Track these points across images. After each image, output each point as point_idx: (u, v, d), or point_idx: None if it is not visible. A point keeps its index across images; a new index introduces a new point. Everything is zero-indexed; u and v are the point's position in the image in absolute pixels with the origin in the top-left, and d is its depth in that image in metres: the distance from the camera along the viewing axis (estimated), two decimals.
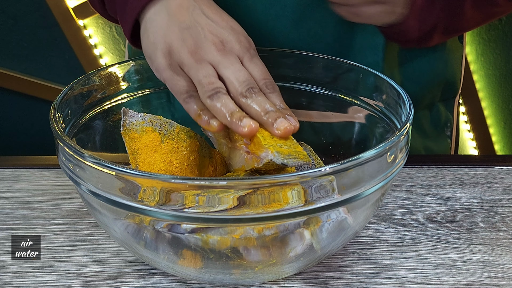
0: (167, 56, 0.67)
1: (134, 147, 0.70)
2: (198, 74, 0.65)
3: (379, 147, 0.57)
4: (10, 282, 0.67)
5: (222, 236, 0.58)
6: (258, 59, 0.68)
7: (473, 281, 0.67)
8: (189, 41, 0.66)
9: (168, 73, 0.67)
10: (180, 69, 0.67)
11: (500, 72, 1.93)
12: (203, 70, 0.65)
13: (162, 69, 0.68)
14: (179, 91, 0.67)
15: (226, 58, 0.65)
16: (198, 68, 0.65)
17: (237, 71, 0.65)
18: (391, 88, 0.69)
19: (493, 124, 1.98)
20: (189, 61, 0.66)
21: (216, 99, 0.64)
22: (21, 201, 0.81)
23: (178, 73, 0.67)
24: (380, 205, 0.65)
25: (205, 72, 0.65)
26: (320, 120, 0.79)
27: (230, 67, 0.65)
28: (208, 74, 0.65)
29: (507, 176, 0.86)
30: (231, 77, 0.65)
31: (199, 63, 0.65)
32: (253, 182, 0.54)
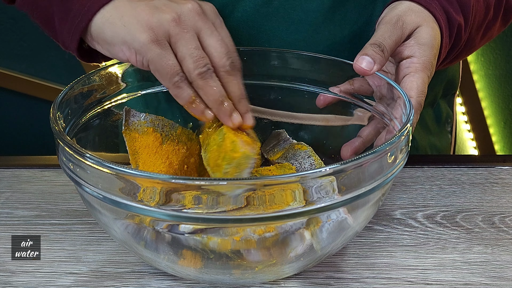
0: (149, 31, 0.63)
1: (135, 147, 0.70)
2: (188, 46, 0.63)
3: (379, 147, 0.57)
4: (10, 282, 0.67)
5: (222, 238, 0.58)
6: (223, 25, 0.69)
7: (473, 281, 0.67)
8: (166, 10, 0.64)
9: (155, 50, 0.63)
10: (167, 45, 0.64)
11: (500, 72, 1.93)
12: (192, 41, 0.64)
13: (146, 46, 0.63)
14: (169, 72, 0.64)
15: (207, 24, 0.65)
16: (187, 39, 0.63)
17: (219, 42, 0.65)
18: (392, 88, 0.69)
19: (493, 124, 1.98)
20: (175, 29, 0.63)
21: (209, 78, 0.64)
22: (21, 201, 0.81)
23: (165, 49, 0.64)
24: (380, 205, 0.65)
25: (194, 43, 0.63)
26: (322, 123, 0.80)
27: (212, 36, 0.65)
28: (197, 46, 0.64)
29: (507, 176, 0.86)
30: (218, 47, 0.65)
31: (186, 31, 0.64)
32: (253, 182, 0.54)
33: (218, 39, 0.65)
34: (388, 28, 0.71)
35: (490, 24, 0.83)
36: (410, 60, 0.71)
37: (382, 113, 0.72)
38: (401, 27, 0.71)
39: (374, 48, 0.68)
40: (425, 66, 0.70)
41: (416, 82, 0.69)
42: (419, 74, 0.70)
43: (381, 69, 0.69)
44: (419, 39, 0.71)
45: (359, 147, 0.72)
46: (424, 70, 0.70)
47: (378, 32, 0.71)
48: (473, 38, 0.81)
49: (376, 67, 0.68)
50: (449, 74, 0.98)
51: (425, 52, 0.71)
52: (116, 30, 0.65)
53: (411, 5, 0.74)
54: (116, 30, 0.65)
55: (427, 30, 0.72)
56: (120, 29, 0.64)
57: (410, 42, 0.71)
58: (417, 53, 0.71)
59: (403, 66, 0.71)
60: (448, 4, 0.75)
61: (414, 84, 0.69)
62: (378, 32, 0.71)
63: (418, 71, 0.70)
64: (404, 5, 0.74)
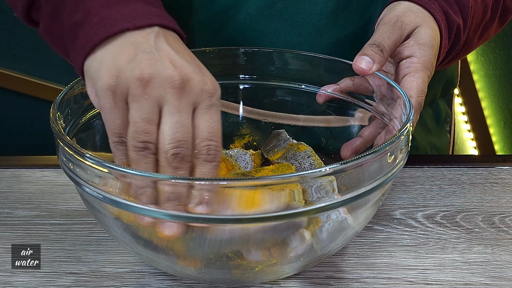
0: (113, 78, 0.55)
1: None
2: (140, 113, 0.55)
3: (379, 147, 0.57)
4: (10, 282, 0.67)
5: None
6: (215, 112, 0.56)
7: (473, 281, 0.67)
8: (144, 66, 0.55)
9: (108, 101, 0.55)
10: (123, 101, 0.55)
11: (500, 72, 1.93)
12: (146, 109, 0.54)
13: (103, 93, 0.55)
14: (113, 130, 0.56)
15: (177, 101, 0.54)
16: (142, 105, 0.54)
17: (179, 126, 0.55)
18: (392, 88, 0.69)
19: (493, 124, 1.98)
20: (136, 90, 0.54)
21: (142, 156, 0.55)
22: (21, 201, 0.81)
23: (118, 107, 0.55)
24: (380, 205, 0.65)
25: (147, 114, 0.54)
26: (323, 125, 0.80)
27: (173, 116, 0.54)
28: (150, 119, 0.55)
29: (507, 176, 0.86)
30: (167, 130, 0.55)
31: (146, 98, 0.54)
32: (254, 182, 0.54)
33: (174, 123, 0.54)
34: (387, 29, 0.71)
35: (487, 25, 0.83)
36: (410, 60, 0.71)
37: (383, 113, 0.72)
38: (400, 28, 0.71)
39: (373, 48, 0.68)
40: (425, 65, 0.70)
41: (416, 82, 0.69)
42: (419, 74, 0.70)
43: (380, 69, 0.69)
44: (419, 39, 0.71)
45: (359, 147, 0.72)
46: (424, 70, 0.70)
47: (377, 32, 0.71)
48: (471, 39, 0.81)
49: (375, 67, 0.68)
50: (448, 74, 0.98)
51: (425, 52, 0.71)
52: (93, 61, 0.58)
53: (410, 5, 0.74)
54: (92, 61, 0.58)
55: (427, 30, 0.72)
56: (94, 63, 0.57)
57: (410, 42, 0.71)
58: (417, 52, 0.71)
59: (403, 66, 0.71)
60: (447, 5, 0.75)
61: (414, 84, 0.69)
62: (377, 33, 0.71)
63: (418, 71, 0.70)
64: (403, 6, 0.74)
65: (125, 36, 0.57)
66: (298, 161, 0.75)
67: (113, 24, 0.57)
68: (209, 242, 0.59)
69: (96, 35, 0.57)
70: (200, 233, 0.58)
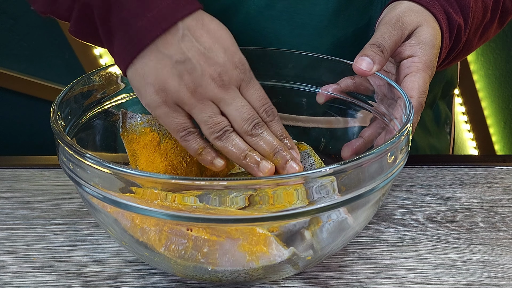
0: (161, 93, 0.62)
1: (133, 148, 0.70)
2: (203, 114, 0.62)
3: (379, 147, 0.57)
4: (10, 282, 0.67)
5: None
6: (254, 82, 0.65)
7: (473, 281, 0.67)
8: (187, 79, 0.61)
9: (163, 110, 0.63)
10: (177, 106, 0.63)
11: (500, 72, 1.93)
12: (207, 109, 0.62)
13: (155, 106, 0.63)
14: (175, 128, 0.63)
15: (227, 93, 0.62)
16: (201, 108, 0.62)
17: (240, 108, 0.63)
18: (392, 89, 0.69)
19: (493, 124, 1.98)
20: (190, 101, 0.62)
21: (226, 140, 0.63)
22: (21, 201, 0.81)
23: (174, 110, 0.63)
24: (380, 205, 0.65)
25: (209, 112, 0.62)
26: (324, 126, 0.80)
27: (232, 103, 0.62)
28: (213, 113, 0.62)
29: (507, 176, 0.86)
30: (234, 115, 0.63)
31: (201, 102, 0.62)
32: (254, 182, 0.54)
33: (237, 107, 0.63)
34: (387, 29, 0.71)
35: (487, 25, 0.83)
36: (411, 59, 0.71)
37: (383, 114, 0.72)
38: (401, 27, 0.71)
39: (373, 48, 0.68)
40: (426, 65, 0.70)
41: (417, 82, 0.69)
42: (421, 74, 0.70)
43: (381, 69, 0.69)
44: (420, 38, 0.71)
45: (360, 148, 0.72)
46: (426, 69, 0.70)
47: (377, 32, 0.71)
48: (471, 40, 0.81)
49: (375, 67, 0.68)
50: (448, 75, 0.98)
51: (426, 51, 0.71)
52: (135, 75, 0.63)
53: (411, 5, 0.74)
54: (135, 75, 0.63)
55: (428, 30, 0.72)
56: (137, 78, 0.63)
57: (411, 42, 0.71)
58: (418, 52, 0.71)
59: (404, 65, 0.71)
60: (448, 4, 0.75)
61: (415, 84, 0.69)
62: (377, 33, 0.71)
63: (420, 71, 0.70)
64: (404, 5, 0.74)
65: (157, 46, 0.61)
66: None
67: (145, 35, 0.61)
68: (211, 271, 0.60)
69: (132, 48, 0.62)
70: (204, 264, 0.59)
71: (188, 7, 0.62)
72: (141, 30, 0.61)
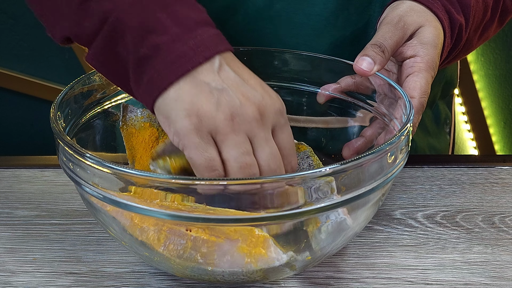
0: (194, 118, 0.56)
1: (132, 143, 0.70)
2: (236, 149, 0.57)
3: (379, 147, 0.57)
4: (10, 282, 0.67)
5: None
6: (287, 124, 0.61)
7: (473, 281, 0.67)
8: (224, 106, 0.56)
9: (194, 139, 0.56)
10: (210, 138, 0.57)
11: (500, 72, 1.93)
12: (242, 145, 0.57)
13: (185, 133, 0.56)
14: (203, 164, 0.57)
15: (262, 132, 0.58)
16: (236, 141, 0.57)
17: (270, 155, 0.59)
18: (392, 89, 0.69)
19: (493, 124, 1.98)
20: (226, 129, 0.56)
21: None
22: (21, 201, 0.81)
23: (207, 141, 0.57)
24: (380, 205, 0.65)
25: (243, 148, 0.57)
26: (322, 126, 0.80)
27: (266, 146, 0.58)
28: (246, 151, 0.57)
29: (507, 176, 0.86)
30: (264, 163, 0.58)
31: (236, 134, 0.57)
32: (254, 182, 0.54)
33: (270, 152, 0.59)
34: (389, 29, 0.70)
35: (487, 25, 0.83)
36: (414, 59, 0.71)
37: (384, 114, 0.72)
38: (402, 27, 0.71)
39: (374, 48, 0.68)
40: (429, 65, 0.70)
41: (419, 82, 0.69)
42: (423, 74, 0.70)
43: (381, 69, 0.69)
44: (422, 38, 0.71)
45: (360, 147, 0.72)
46: (428, 69, 0.70)
47: (379, 32, 0.71)
48: (471, 39, 0.81)
49: (376, 67, 0.68)
50: (448, 75, 0.98)
51: (428, 51, 0.70)
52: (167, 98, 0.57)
53: (413, 4, 0.74)
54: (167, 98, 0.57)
55: (430, 30, 0.72)
56: (169, 101, 0.57)
57: (413, 42, 0.71)
58: (421, 52, 0.70)
59: (407, 65, 0.71)
60: (449, 4, 0.75)
61: (417, 84, 0.69)
62: (379, 33, 0.71)
63: (422, 71, 0.70)
64: (406, 5, 0.74)
65: (195, 73, 0.57)
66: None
67: (186, 61, 0.57)
68: (210, 272, 0.60)
69: (170, 74, 0.57)
70: (202, 265, 0.59)
71: (226, 44, 0.60)
72: (183, 56, 0.57)
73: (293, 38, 0.83)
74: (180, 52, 0.57)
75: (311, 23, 0.82)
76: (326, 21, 0.82)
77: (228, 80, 0.57)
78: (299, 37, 0.83)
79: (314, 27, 0.82)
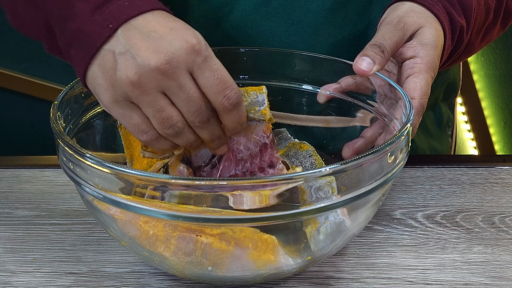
0: (110, 91, 0.58)
1: (129, 141, 0.71)
2: (149, 109, 0.57)
3: (379, 147, 0.57)
4: (10, 282, 0.67)
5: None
6: (211, 62, 0.58)
7: (473, 281, 0.67)
8: (128, 70, 0.56)
9: (117, 110, 0.58)
10: (130, 103, 0.58)
11: (500, 72, 1.93)
12: (154, 102, 0.57)
13: (109, 106, 0.59)
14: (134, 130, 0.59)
15: (173, 81, 0.57)
16: (147, 101, 0.57)
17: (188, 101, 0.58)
18: (393, 89, 0.69)
19: (493, 124, 1.98)
20: (135, 93, 0.57)
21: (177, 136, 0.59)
22: (21, 201, 0.81)
23: (129, 109, 0.58)
24: (380, 205, 0.65)
25: (156, 105, 0.57)
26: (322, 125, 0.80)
27: (180, 94, 0.57)
28: (160, 107, 0.57)
29: (507, 176, 0.86)
30: (182, 109, 0.58)
31: (147, 94, 0.57)
32: (254, 182, 0.54)
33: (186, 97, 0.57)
34: (389, 29, 0.70)
35: (489, 27, 0.83)
36: (414, 60, 0.71)
37: (384, 114, 0.72)
38: (402, 28, 0.71)
39: (374, 49, 0.68)
40: (429, 66, 0.70)
41: (420, 83, 0.69)
42: (423, 75, 0.70)
43: (381, 70, 0.69)
44: (422, 39, 0.71)
45: (361, 148, 0.72)
46: (428, 70, 0.70)
47: (379, 33, 0.71)
48: (473, 41, 0.81)
49: (376, 68, 0.68)
50: (450, 77, 0.97)
51: (428, 52, 0.70)
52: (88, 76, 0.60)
53: (413, 6, 0.74)
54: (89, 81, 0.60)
55: (430, 31, 0.72)
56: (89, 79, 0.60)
57: (413, 43, 0.71)
58: (421, 53, 0.70)
59: (407, 66, 0.71)
60: (450, 6, 0.75)
61: (418, 85, 0.69)
62: (379, 33, 0.71)
63: (422, 72, 0.70)
64: (406, 6, 0.74)
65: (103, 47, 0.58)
66: (299, 160, 0.75)
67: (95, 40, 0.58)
68: (220, 277, 0.61)
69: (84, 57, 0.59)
70: (213, 272, 0.59)
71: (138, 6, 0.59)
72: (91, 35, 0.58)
73: (291, 35, 0.83)
74: (89, 32, 0.58)
75: (308, 20, 0.82)
76: (324, 18, 0.82)
77: (131, 39, 0.57)
78: (297, 35, 0.83)
79: (311, 24, 0.82)
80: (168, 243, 0.58)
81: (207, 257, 0.58)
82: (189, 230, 0.57)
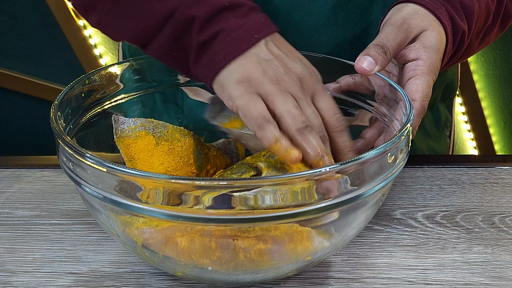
0: (245, 83, 0.64)
1: (130, 153, 0.70)
2: (286, 105, 0.63)
3: (379, 148, 0.57)
4: (10, 282, 0.67)
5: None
6: (326, 91, 0.68)
7: (473, 281, 0.67)
8: (270, 73, 0.64)
9: (244, 99, 0.63)
10: (258, 96, 0.64)
11: (500, 72, 1.93)
12: (290, 101, 0.63)
13: (237, 95, 0.64)
14: (254, 116, 0.63)
15: (304, 97, 0.65)
16: (284, 99, 0.63)
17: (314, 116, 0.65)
18: (393, 90, 0.69)
19: (493, 124, 1.98)
20: (274, 91, 0.63)
21: (307, 134, 0.62)
22: (21, 201, 0.81)
23: (256, 99, 0.63)
24: (380, 205, 0.65)
25: (292, 103, 0.63)
26: None
27: (308, 109, 0.65)
28: (296, 105, 0.63)
29: (507, 176, 0.86)
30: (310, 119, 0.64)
31: (284, 94, 0.63)
32: (254, 182, 0.54)
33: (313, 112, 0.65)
34: (392, 30, 0.70)
35: (488, 29, 0.83)
36: (416, 62, 0.71)
37: (384, 115, 0.72)
38: (406, 30, 0.71)
39: (376, 49, 0.68)
40: (430, 69, 0.70)
41: (421, 85, 0.69)
42: (425, 77, 0.70)
43: (382, 70, 0.69)
44: (425, 42, 0.71)
45: (360, 148, 0.72)
46: (430, 73, 0.70)
47: (382, 33, 0.71)
48: (472, 44, 0.81)
49: (377, 68, 0.68)
50: (448, 77, 0.97)
51: (430, 55, 0.71)
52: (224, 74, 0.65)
53: (417, 8, 0.74)
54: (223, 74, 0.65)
55: (433, 34, 0.72)
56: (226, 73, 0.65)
57: (416, 45, 0.71)
58: (423, 55, 0.70)
59: (409, 68, 0.71)
60: (453, 10, 0.75)
61: (419, 87, 0.69)
62: (382, 34, 0.71)
63: (424, 74, 0.70)
64: (410, 8, 0.74)
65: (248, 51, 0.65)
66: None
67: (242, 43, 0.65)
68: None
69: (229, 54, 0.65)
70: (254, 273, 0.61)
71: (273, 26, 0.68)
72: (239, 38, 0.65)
73: (292, 35, 0.82)
74: (236, 35, 0.65)
75: (310, 19, 0.82)
76: (326, 17, 0.82)
77: (273, 53, 0.66)
78: (298, 34, 0.82)
79: (313, 24, 0.82)
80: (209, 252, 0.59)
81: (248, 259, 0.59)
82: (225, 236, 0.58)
